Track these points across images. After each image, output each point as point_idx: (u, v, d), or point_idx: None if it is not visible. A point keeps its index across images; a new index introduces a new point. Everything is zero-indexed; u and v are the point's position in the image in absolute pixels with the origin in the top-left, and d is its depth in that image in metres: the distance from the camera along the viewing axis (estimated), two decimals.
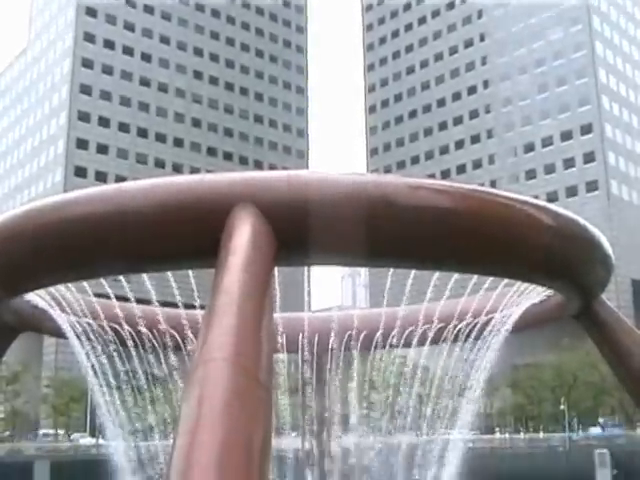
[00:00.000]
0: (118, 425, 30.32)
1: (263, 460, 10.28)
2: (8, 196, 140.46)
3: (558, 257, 17.27)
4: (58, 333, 25.76)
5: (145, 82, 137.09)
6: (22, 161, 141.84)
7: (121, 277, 23.51)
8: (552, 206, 18.31)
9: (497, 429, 75.30)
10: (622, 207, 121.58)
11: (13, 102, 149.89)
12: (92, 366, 27.33)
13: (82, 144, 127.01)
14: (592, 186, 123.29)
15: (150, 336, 26.57)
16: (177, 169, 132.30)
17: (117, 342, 27.01)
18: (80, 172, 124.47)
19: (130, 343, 26.89)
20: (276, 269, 15.07)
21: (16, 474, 40.25)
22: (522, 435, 66.76)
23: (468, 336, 26.59)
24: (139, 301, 27.37)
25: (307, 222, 14.04)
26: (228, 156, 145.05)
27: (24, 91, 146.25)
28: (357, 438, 35.74)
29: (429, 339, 27.54)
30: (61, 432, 70.21)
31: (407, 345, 28.50)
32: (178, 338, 26.65)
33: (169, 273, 22.77)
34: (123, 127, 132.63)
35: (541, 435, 62.23)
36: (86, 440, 60.18)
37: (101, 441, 44.80)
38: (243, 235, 13.39)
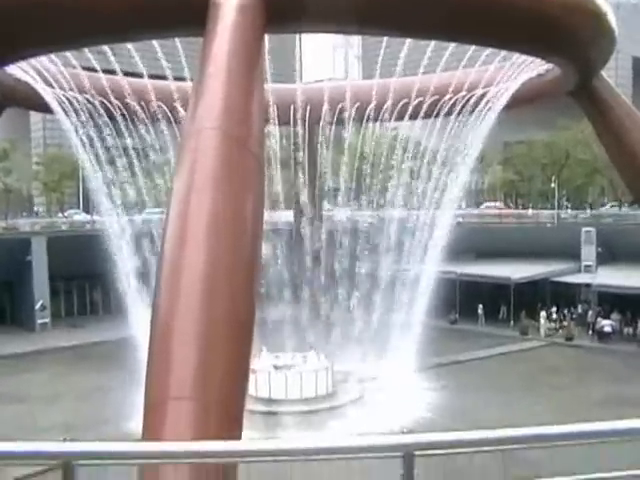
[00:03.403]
0: (110, 200, 30.62)
1: (255, 226, 10.45)
2: None
3: (561, 27, 16.47)
4: (44, 108, 25.34)
5: None
6: None
7: (107, 49, 22.57)
8: None
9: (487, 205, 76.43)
10: None
11: None
12: (81, 141, 27.18)
13: None
14: None
15: (139, 109, 26.16)
16: None
17: (106, 116, 26.64)
18: None
19: (119, 116, 26.54)
20: (267, 38, 14.41)
21: (14, 250, 41.37)
22: (512, 211, 67.77)
23: (462, 110, 26.25)
24: (127, 74, 26.64)
25: None
26: None
27: None
28: (347, 212, 36.39)
29: (422, 112, 27.18)
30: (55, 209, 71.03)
31: (400, 118, 28.19)
32: (167, 111, 26.27)
33: (157, 45, 21.96)
34: None
35: (530, 212, 63.24)
36: (80, 217, 60.94)
37: (95, 217, 45.63)
38: (231, 0, 12.64)
